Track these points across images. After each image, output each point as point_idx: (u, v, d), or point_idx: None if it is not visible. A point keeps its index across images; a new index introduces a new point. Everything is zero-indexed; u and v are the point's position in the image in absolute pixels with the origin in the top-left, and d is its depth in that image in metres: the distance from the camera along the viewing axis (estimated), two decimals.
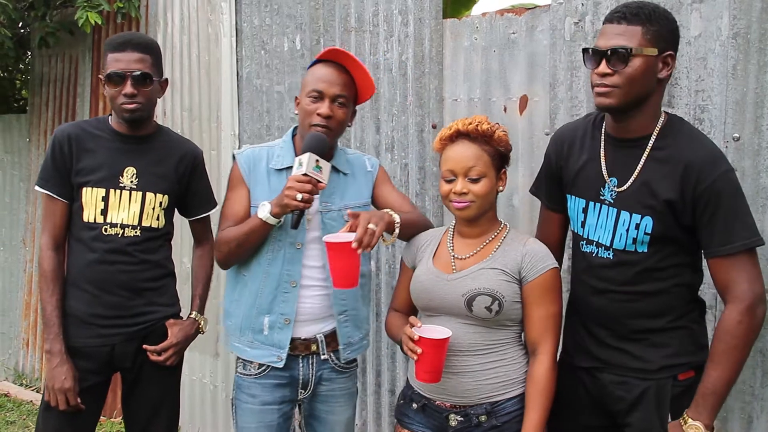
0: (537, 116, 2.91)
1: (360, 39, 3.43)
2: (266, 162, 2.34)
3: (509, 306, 2.00)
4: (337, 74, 2.26)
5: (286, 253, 2.27)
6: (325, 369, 2.37)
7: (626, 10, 1.88)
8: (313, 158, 2.11)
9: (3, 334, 5.75)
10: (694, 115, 2.47)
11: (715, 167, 1.84)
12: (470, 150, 2.04)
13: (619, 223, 1.97)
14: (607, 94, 1.88)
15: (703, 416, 1.82)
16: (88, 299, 2.44)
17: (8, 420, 4.84)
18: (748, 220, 1.85)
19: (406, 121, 3.30)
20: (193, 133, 4.12)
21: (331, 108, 2.22)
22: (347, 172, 2.39)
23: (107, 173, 2.44)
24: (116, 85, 2.39)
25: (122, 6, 4.29)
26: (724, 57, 2.41)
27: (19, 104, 6.33)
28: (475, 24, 3.07)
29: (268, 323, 2.29)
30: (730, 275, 1.84)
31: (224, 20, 3.98)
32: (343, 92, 2.26)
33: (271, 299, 2.28)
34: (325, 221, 2.30)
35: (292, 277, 2.28)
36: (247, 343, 2.33)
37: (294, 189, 2.08)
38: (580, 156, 2.10)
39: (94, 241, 2.43)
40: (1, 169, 5.75)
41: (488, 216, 2.12)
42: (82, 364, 2.43)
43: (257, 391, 2.32)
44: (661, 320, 1.96)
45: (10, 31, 4.80)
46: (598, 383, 2.06)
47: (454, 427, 2.04)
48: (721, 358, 1.83)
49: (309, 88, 2.25)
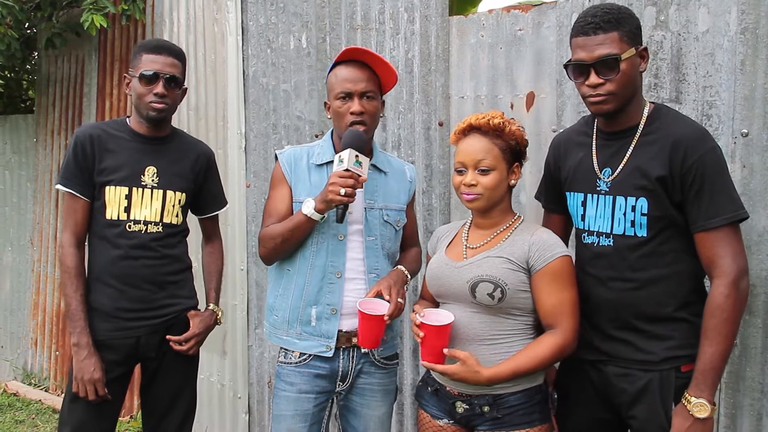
0: (544, 113, 2.91)
1: (366, 37, 3.43)
2: (307, 159, 2.42)
3: (513, 294, 2.02)
4: (359, 71, 2.33)
5: (329, 245, 2.33)
6: (365, 363, 2.40)
7: (597, 20, 1.95)
8: (353, 154, 2.18)
9: (12, 333, 5.77)
10: (702, 111, 2.47)
11: (701, 143, 1.92)
12: (481, 143, 2.10)
13: (616, 208, 2.03)
14: (604, 101, 1.98)
15: (705, 393, 1.87)
16: (113, 294, 2.53)
17: (17, 419, 4.86)
18: (733, 194, 1.92)
19: (412, 119, 3.29)
20: (199, 132, 4.13)
21: (361, 104, 2.30)
22: (387, 171, 2.47)
23: (129, 172, 2.54)
24: (148, 84, 2.50)
25: (127, 8, 4.30)
26: (732, 52, 2.40)
27: (26, 105, 6.35)
28: (481, 21, 3.07)
29: (316, 314, 2.34)
30: (715, 250, 1.90)
31: (230, 19, 3.99)
32: (369, 87, 2.33)
33: (318, 290, 2.34)
34: (368, 218, 2.38)
35: (336, 268, 2.34)
36: (296, 336, 2.37)
37: (337, 184, 2.15)
38: (576, 154, 2.17)
39: (119, 238, 2.52)
40: (9, 170, 5.77)
41: (501, 208, 2.16)
42: (108, 356, 2.52)
43: (296, 379, 2.36)
44: (664, 310, 1.99)
45: (17, 32, 4.82)
46: (602, 376, 2.09)
47: (461, 414, 2.11)
48: (714, 334, 1.87)
49: (336, 90, 2.33)
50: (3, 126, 5.83)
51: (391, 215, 2.43)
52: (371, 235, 2.38)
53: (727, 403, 2.46)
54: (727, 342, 1.87)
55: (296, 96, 3.72)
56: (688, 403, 1.88)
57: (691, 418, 1.87)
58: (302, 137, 3.69)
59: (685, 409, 1.88)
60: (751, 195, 2.36)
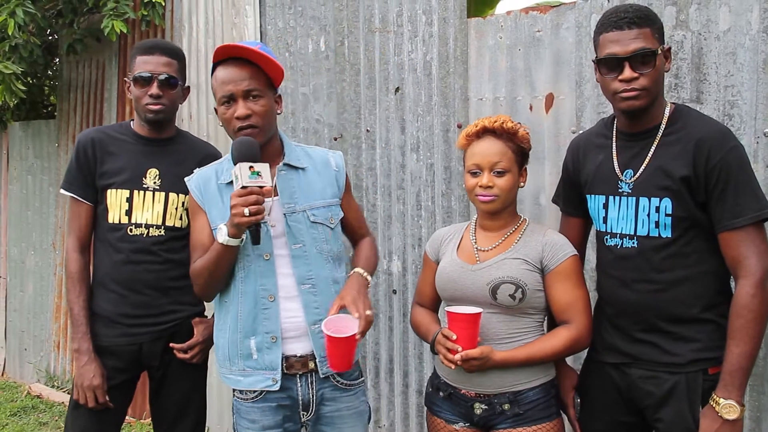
0: (563, 114, 2.90)
1: (384, 39, 3.44)
2: (215, 179, 2.22)
3: (532, 294, 2.07)
4: (239, 70, 2.10)
5: (256, 267, 2.13)
6: (326, 388, 2.19)
7: (630, 15, 1.96)
8: (245, 167, 1.97)
9: (35, 336, 5.84)
10: (723, 110, 2.45)
11: (725, 142, 1.91)
12: (496, 146, 2.12)
13: (639, 209, 2.02)
14: (637, 96, 1.96)
15: (734, 394, 1.85)
16: (116, 299, 2.49)
17: (41, 421, 4.92)
18: (757, 193, 1.91)
19: (431, 121, 3.30)
20: (219, 136, 4.15)
21: (247, 106, 2.08)
22: (304, 167, 2.24)
23: (131, 175, 2.49)
24: (143, 86, 2.46)
25: (146, 14, 4.35)
26: (755, 51, 2.38)
27: (47, 110, 6.42)
28: (499, 23, 3.07)
29: (255, 345, 2.14)
30: (740, 250, 1.89)
31: (248, 23, 4.01)
32: (253, 85, 2.09)
33: (253, 319, 2.13)
34: (290, 224, 2.15)
35: (268, 291, 2.13)
36: (239, 373, 2.18)
37: (238, 205, 1.95)
38: (596, 157, 2.17)
39: (120, 242, 2.48)
40: (31, 174, 5.84)
41: (510, 210, 2.19)
42: (110, 362, 2.48)
43: (257, 415, 2.16)
44: (690, 311, 1.97)
45: (39, 39, 4.88)
46: (627, 379, 2.07)
47: (479, 415, 2.12)
48: (741, 334, 1.86)
49: (218, 95, 2.12)
50: (26, 131, 5.91)
51: (318, 214, 2.20)
52: (297, 243, 2.15)
53: (752, 406, 2.43)
54: (754, 342, 1.86)
55: (315, 99, 3.74)
56: (716, 405, 1.86)
57: (720, 419, 1.85)
58: (321, 140, 3.70)
59: (713, 411, 1.87)
60: None
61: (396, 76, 3.42)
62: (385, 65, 3.45)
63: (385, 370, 3.50)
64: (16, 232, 6.00)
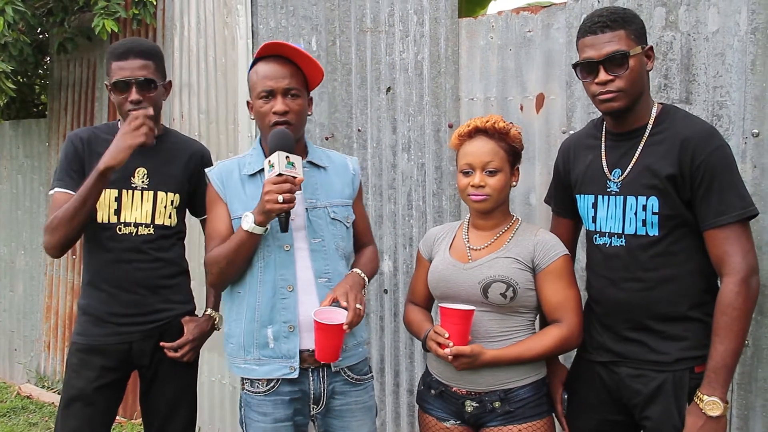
0: (554, 114, 2.91)
1: (376, 39, 3.44)
2: (238, 171, 2.26)
3: (523, 293, 2.09)
4: (281, 67, 2.17)
5: (276, 257, 2.17)
6: (337, 382, 2.23)
7: (603, 19, 1.99)
8: (282, 155, 2.03)
9: (25, 336, 5.82)
10: (712, 111, 2.46)
11: (710, 141, 1.93)
12: (488, 146, 2.14)
13: (627, 208, 2.04)
14: (614, 98, 2.00)
15: (717, 391, 1.87)
16: (106, 298, 2.49)
17: (31, 422, 4.90)
18: (742, 192, 1.93)
19: (422, 121, 3.30)
20: (210, 136, 4.15)
21: (285, 102, 2.15)
22: (326, 166, 2.31)
23: (119, 174, 2.45)
24: (122, 92, 2.44)
25: (138, 13, 4.34)
26: (743, 52, 2.40)
27: (38, 109, 6.40)
28: (490, 23, 3.08)
29: (273, 334, 2.16)
30: (724, 248, 1.91)
31: (240, 23, 4.01)
32: (293, 84, 2.17)
33: (271, 308, 2.16)
34: (311, 219, 2.21)
35: (287, 282, 2.17)
36: (254, 362, 2.19)
37: (273, 192, 1.99)
38: (585, 157, 2.19)
39: (109, 241, 2.47)
40: (21, 174, 5.82)
41: (502, 209, 2.21)
42: (100, 361, 2.47)
43: (269, 408, 2.18)
44: (677, 309, 1.99)
45: (29, 37, 4.86)
46: (615, 378, 2.09)
47: (470, 413, 2.13)
48: (726, 331, 1.88)
49: (258, 89, 2.18)
50: (16, 130, 5.89)
51: (338, 211, 2.27)
52: (317, 237, 2.20)
53: (740, 404, 2.45)
54: (738, 340, 1.88)
55: None
56: (700, 402, 1.88)
57: (704, 416, 1.87)
58: (312, 140, 3.69)
59: (697, 408, 1.88)
60: (763, 195, 2.35)
61: (387, 76, 3.42)
62: (377, 65, 3.45)
63: (377, 369, 3.50)
64: (6, 232, 5.98)
